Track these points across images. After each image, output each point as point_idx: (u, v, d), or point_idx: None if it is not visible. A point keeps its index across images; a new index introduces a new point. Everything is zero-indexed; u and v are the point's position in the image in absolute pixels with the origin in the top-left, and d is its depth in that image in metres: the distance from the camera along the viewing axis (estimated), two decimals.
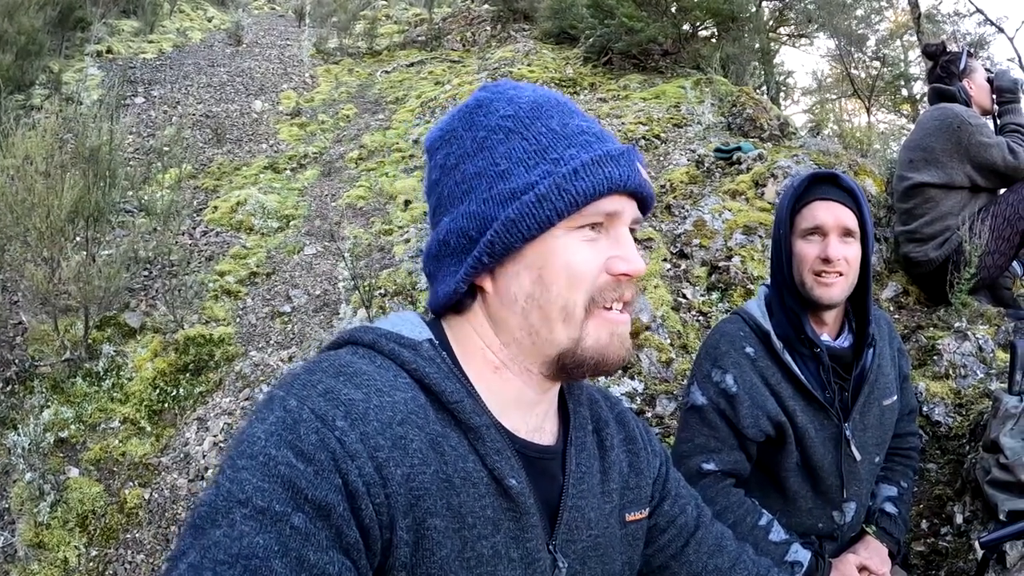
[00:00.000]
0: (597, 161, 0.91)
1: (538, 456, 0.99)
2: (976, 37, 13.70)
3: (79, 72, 7.44)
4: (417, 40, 9.87)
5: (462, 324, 0.99)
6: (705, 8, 7.24)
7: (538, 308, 0.93)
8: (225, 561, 0.68)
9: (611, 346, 0.95)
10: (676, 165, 5.08)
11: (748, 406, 1.82)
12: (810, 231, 1.85)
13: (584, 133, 0.95)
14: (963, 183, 3.33)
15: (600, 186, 0.90)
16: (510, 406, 0.97)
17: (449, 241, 0.95)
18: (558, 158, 0.91)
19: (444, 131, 1.00)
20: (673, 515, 1.20)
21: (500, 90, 0.99)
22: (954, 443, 2.69)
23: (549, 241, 0.91)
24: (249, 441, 0.78)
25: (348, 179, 5.98)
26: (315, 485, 0.74)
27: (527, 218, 0.89)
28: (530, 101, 0.96)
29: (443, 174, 0.98)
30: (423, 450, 0.84)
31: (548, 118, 0.95)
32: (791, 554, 1.80)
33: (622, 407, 1.24)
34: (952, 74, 3.52)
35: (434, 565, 0.82)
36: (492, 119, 0.95)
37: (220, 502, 0.73)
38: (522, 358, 0.97)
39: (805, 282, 1.85)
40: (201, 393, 3.69)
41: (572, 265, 0.91)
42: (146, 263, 4.33)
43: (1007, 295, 3.55)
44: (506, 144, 0.93)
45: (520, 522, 0.91)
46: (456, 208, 0.95)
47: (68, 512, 3.03)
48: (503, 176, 0.92)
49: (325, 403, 0.80)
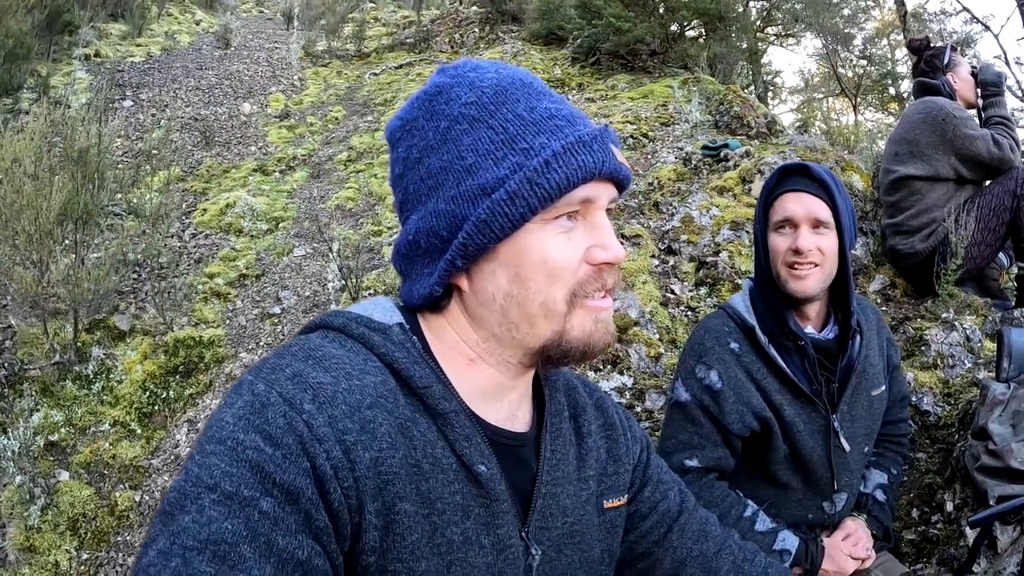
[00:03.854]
0: (569, 149, 0.86)
1: (510, 443, 0.97)
2: (963, 35, 13.78)
3: (67, 75, 7.40)
4: (405, 42, 9.86)
5: (438, 319, 0.97)
6: (692, 8, 7.27)
7: (517, 306, 0.90)
8: (194, 547, 0.68)
9: (596, 333, 0.93)
10: (664, 163, 5.09)
11: (733, 402, 1.82)
12: (780, 224, 1.84)
13: (554, 117, 0.89)
14: (948, 175, 3.35)
15: (574, 176, 0.85)
16: (482, 394, 0.96)
17: (419, 241, 0.92)
18: (527, 148, 0.86)
19: (404, 120, 0.96)
20: (655, 501, 1.19)
21: (460, 73, 0.94)
22: (943, 432, 2.70)
23: (524, 236, 0.88)
24: (218, 426, 0.77)
25: (337, 181, 5.98)
26: (283, 469, 0.74)
27: (499, 217, 0.85)
28: (493, 84, 0.91)
29: (407, 168, 0.94)
30: (392, 434, 0.83)
31: (514, 103, 0.89)
32: (778, 543, 1.80)
33: (601, 393, 1.23)
34: (936, 68, 3.55)
35: (404, 550, 0.82)
36: (454, 107, 0.90)
37: (189, 487, 0.72)
38: (501, 351, 0.95)
39: (780, 275, 1.83)
40: (191, 395, 3.68)
41: (550, 261, 0.88)
42: (135, 266, 4.32)
43: (993, 286, 3.58)
44: (471, 135, 0.88)
45: (490, 509, 0.90)
46: (424, 206, 0.91)
47: (59, 515, 3.01)
48: (470, 171, 0.87)
49: (293, 387, 0.79)
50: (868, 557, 1.93)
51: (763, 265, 1.88)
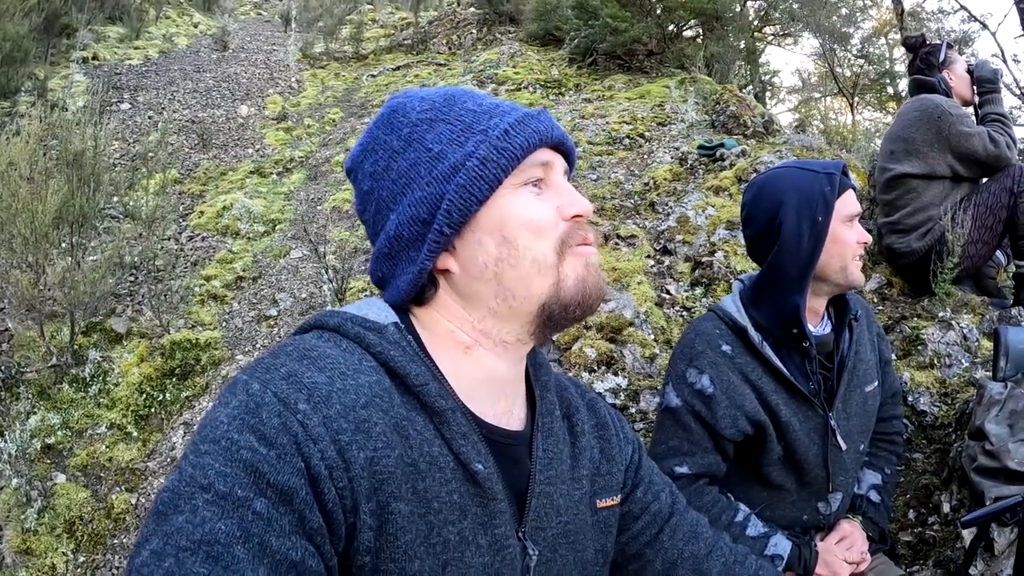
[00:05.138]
0: (522, 120, 0.95)
1: (505, 441, 0.98)
2: (960, 34, 13.78)
3: (64, 78, 7.41)
4: (403, 44, 9.86)
5: (427, 312, 0.99)
6: (689, 8, 7.26)
7: (510, 267, 0.94)
8: (187, 548, 0.68)
9: (589, 278, 0.97)
10: (660, 163, 5.09)
11: (726, 406, 1.78)
12: (852, 217, 1.82)
13: (499, 106, 0.99)
14: (945, 173, 3.34)
15: (532, 139, 0.94)
16: (478, 389, 0.97)
17: (402, 234, 0.96)
18: (485, 128, 0.94)
19: (365, 144, 1.02)
20: (646, 502, 1.20)
21: (409, 94, 1.03)
22: (940, 432, 2.69)
23: (500, 202, 0.94)
24: (212, 425, 0.77)
25: (334, 183, 5.97)
26: (277, 469, 0.74)
27: (477, 181, 0.91)
28: (441, 94, 1.00)
29: (375, 180, 0.99)
30: (387, 433, 0.83)
31: (463, 102, 0.98)
32: (770, 547, 1.78)
33: (593, 395, 1.24)
34: (932, 65, 3.54)
35: (399, 550, 0.81)
36: (411, 116, 0.98)
37: (183, 487, 0.72)
38: (499, 327, 0.97)
39: (847, 268, 1.81)
40: (188, 397, 3.68)
41: (531, 217, 0.94)
42: (132, 268, 4.31)
43: (990, 284, 3.57)
44: (432, 131, 0.96)
45: (487, 508, 0.90)
46: (400, 203, 0.96)
47: (55, 518, 3.01)
48: (439, 157, 0.94)
49: (288, 386, 0.80)
50: (863, 560, 1.92)
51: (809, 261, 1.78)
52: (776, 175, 1.86)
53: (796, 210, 1.78)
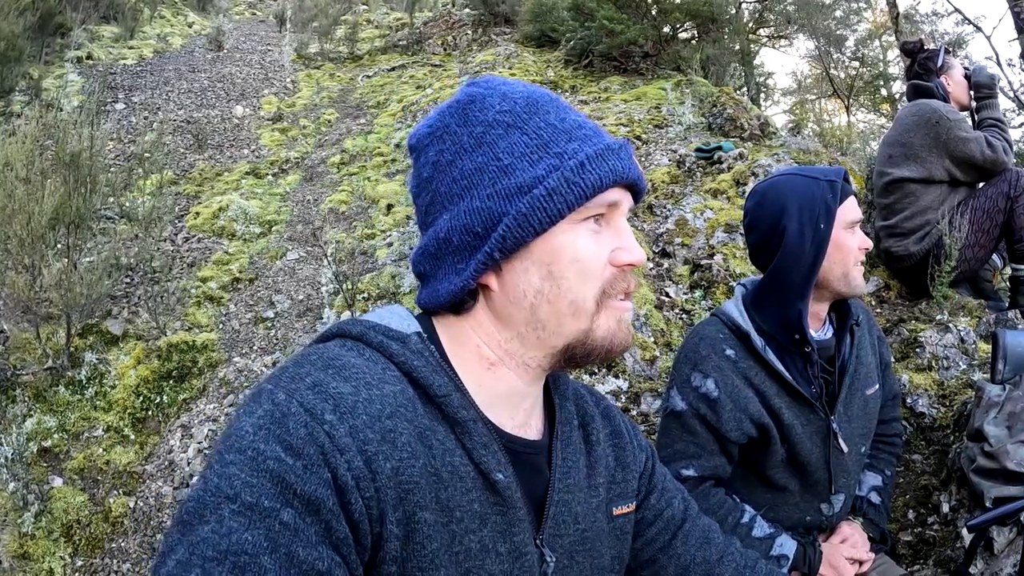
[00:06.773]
0: (600, 154, 0.91)
1: (524, 450, 0.98)
2: (954, 36, 13.82)
3: (59, 78, 7.38)
4: (398, 44, 9.86)
5: (459, 323, 0.98)
6: (685, 10, 7.28)
7: (547, 303, 0.92)
8: (214, 558, 0.67)
9: (619, 333, 0.96)
10: (657, 165, 5.10)
11: (730, 410, 1.79)
12: (854, 223, 1.83)
13: (582, 127, 0.95)
14: (942, 177, 3.35)
15: (606, 178, 0.90)
16: (499, 401, 0.97)
17: (452, 239, 0.93)
18: (561, 152, 0.91)
19: (434, 127, 0.98)
20: (660, 508, 1.20)
21: (491, 85, 0.98)
22: (938, 434, 2.71)
23: (557, 235, 0.91)
24: (237, 435, 0.77)
25: (330, 184, 5.97)
26: (304, 480, 0.73)
27: (538, 211, 0.89)
28: (524, 97, 0.96)
29: (437, 171, 0.96)
30: (412, 443, 0.83)
31: (545, 113, 0.95)
32: (776, 548, 1.79)
33: (607, 402, 1.24)
34: (930, 70, 3.55)
35: (425, 559, 0.81)
36: (488, 114, 0.94)
37: (208, 497, 0.72)
38: (523, 352, 0.96)
39: (849, 273, 1.82)
40: (185, 400, 3.66)
41: (581, 259, 0.92)
42: (128, 270, 4.30)
43: (987, 287, 3.59)
44: (506, 139, 0.92)
45: (507, 516, 0.91)
46: (456, 205, 0.93)
47: (52, 522, 3.00)
48: (507, 171, 0.91)
49: (314, 396, 0.79)
50: (867, 559, 1.93)
51: (813, 266, 1.79)
52: (778, 182, 1.87)
53: (799, 217, 1.79)
